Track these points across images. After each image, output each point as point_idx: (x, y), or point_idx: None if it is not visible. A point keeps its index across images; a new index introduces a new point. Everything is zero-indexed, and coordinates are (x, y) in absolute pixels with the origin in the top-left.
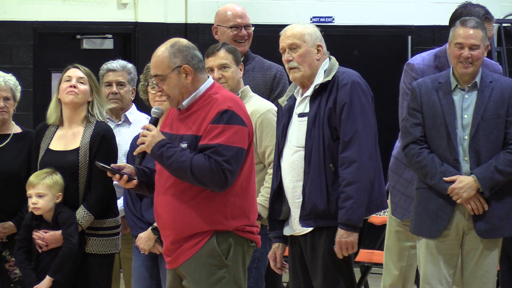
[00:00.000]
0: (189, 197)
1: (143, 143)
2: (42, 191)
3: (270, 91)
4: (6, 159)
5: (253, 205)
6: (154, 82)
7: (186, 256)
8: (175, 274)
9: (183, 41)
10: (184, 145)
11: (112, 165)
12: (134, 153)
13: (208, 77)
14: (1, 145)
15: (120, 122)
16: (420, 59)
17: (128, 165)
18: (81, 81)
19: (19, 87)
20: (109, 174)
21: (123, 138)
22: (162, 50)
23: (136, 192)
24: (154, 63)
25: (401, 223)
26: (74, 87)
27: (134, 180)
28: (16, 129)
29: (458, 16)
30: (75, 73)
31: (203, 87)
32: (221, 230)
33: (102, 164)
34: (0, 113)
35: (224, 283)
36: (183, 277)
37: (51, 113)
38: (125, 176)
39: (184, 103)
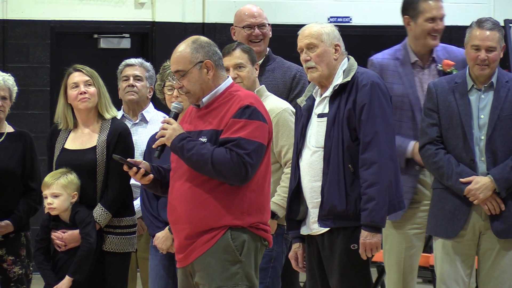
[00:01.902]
0: (206, 191)
1: (163, 136)
2: (57, 191)
3: (289, 92)
4: (0, 157)
5: (267, 203)
6: (173, 77)
7: (199, 252)
8: (186, 272)
9: (204, 38)
10: (204, 140)
11: (129, 159)
12: (154, 146)
13: (228, 76)
14: None
15: (137, 121)
16: (379, 54)
17: (144, 161)
18: (88, 83)
19: (15, 88)
20: (125, 168)
21: (140, 137)
22: (184, 46)
23: (150, 190)
24: (175, 59)
25: (392, 225)
26: (85, 93)
27: (150, 175)
28: (8, 128)
29: (410, 2)
30: (80, 77)
31: (224, 85)
32: (236, 226)
33: (119, 157)
34: None
35: (237, 279)
36: (195, 273)
37: (62, 119)
38: (141, 170)
39: (204, 99)
